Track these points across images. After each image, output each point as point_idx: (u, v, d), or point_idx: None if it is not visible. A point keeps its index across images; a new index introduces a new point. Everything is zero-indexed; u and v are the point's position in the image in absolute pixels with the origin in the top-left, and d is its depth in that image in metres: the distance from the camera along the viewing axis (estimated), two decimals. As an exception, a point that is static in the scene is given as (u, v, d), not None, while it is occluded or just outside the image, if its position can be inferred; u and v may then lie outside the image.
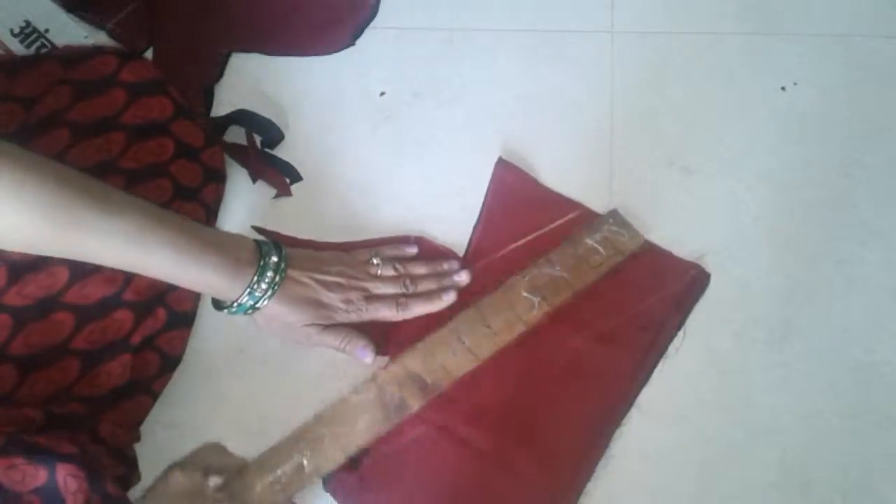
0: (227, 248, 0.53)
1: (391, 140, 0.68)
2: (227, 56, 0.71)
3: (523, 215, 0.64)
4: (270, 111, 0.69)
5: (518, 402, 0.58)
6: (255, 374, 0.61)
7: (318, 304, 0.57)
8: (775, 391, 0.58)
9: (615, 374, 0.59)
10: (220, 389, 0.61)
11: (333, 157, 0.68)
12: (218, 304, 0.56)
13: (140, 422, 0.58)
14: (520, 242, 0.63)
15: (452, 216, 0.65)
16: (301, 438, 0.57)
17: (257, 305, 0.55)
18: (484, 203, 0.65)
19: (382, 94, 0.70)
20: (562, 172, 0.65)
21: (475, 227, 0.64)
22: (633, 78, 0.68)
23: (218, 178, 0.65)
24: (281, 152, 0.68)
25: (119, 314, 0.55)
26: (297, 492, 0.56)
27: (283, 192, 0.67)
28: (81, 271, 0.53)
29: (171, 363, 0.60)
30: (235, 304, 0.54)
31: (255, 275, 0.53)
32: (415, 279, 0.60)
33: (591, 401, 0.58)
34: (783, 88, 0.67)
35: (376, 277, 0.60)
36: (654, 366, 0.59)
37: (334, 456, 0.56)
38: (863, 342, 0.59)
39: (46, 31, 0.66)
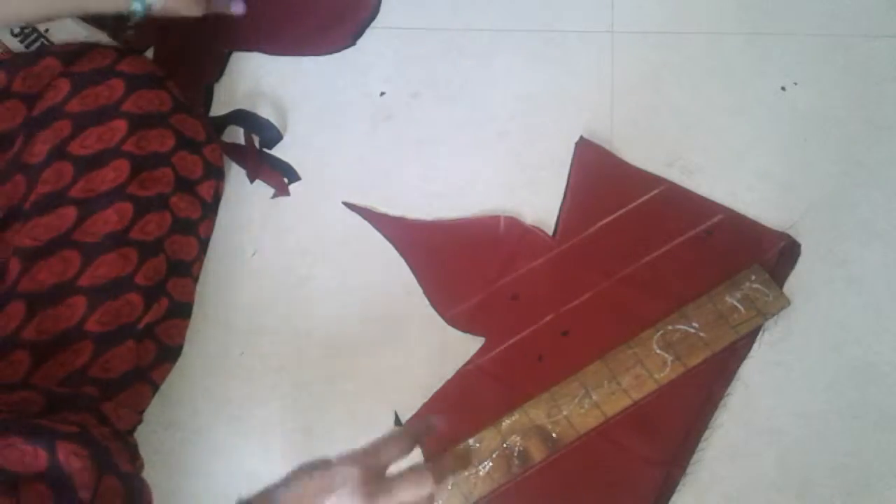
0: None
1: (391, 140, 0.68)
2: (228, 55, 0.71)
3: (609, 193, 0.64)
4: (270, 111, 0.69)
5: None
6: (255, 374, 0.61)
7: None
8: (775, 391, 0.58)
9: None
10: (221, 390, 0.61)
11: (333, 156, 0.68)
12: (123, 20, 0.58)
13: (141, 410, 0.58)
14: (608, 219, 0.63)
15: (452, 214, 0.65)
16: None
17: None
18: (568, 182, 0.65)
19: (382, 94, 0.69)
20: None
21: (561, 207, 0.64)
22: (633, 78, 0.68)
23: (217, 176, 0.65)
24: (280, 152, 0.68)
25: (131, 297, 0.55)
26: None
27: (282, 191, 0.66)
28: (94, 252, 0.53)
29: (168, 353, 0.60)
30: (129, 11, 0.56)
31: None
32: None
33: (691, 374, 0.58)
34: (783, 88, 0.67)
35: None
36: (755, 336, 0.59)
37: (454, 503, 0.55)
38: (863, 342, 0.59)
39: (46, 31, 0.66)
